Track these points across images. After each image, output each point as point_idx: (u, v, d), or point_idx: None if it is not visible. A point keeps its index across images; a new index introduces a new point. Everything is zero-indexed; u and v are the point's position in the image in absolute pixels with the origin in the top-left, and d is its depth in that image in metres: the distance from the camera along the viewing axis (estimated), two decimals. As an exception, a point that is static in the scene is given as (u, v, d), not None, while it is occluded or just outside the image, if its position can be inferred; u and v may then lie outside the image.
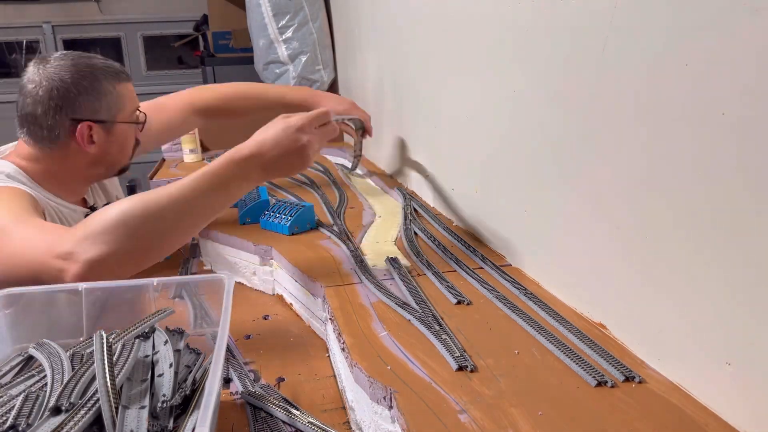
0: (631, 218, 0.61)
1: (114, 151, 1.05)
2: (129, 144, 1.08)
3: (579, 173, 0.70)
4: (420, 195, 1.32)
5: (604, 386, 0.56)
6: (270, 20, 2.25)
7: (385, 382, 0.57)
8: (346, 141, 2.30)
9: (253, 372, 0.76)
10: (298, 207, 1.11)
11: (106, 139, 1.02)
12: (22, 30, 4.46)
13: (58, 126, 0.97)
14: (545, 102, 0.76)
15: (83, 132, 0.98)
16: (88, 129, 0.99)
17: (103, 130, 1.01)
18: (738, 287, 0.49)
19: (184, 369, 0.60)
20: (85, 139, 0.99)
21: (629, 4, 0.59)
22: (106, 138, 1.02)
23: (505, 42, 0.86)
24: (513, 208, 0.88)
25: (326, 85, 2.36)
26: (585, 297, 0.72)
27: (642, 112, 0.58)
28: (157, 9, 4.63)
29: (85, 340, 0.63)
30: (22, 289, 0.68)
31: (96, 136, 1.00)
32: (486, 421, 0.51)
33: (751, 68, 0.45)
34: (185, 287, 0.88)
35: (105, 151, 1.03)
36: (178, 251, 1.28)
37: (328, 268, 0.90)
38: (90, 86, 0.98)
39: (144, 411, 0.52)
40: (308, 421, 0.62)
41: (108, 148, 1.03)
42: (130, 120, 1.06)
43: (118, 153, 1.06)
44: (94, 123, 1.00)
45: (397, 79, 1.49)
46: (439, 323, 0.69)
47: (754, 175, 0.46)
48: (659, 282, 0.58)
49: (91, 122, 0.99)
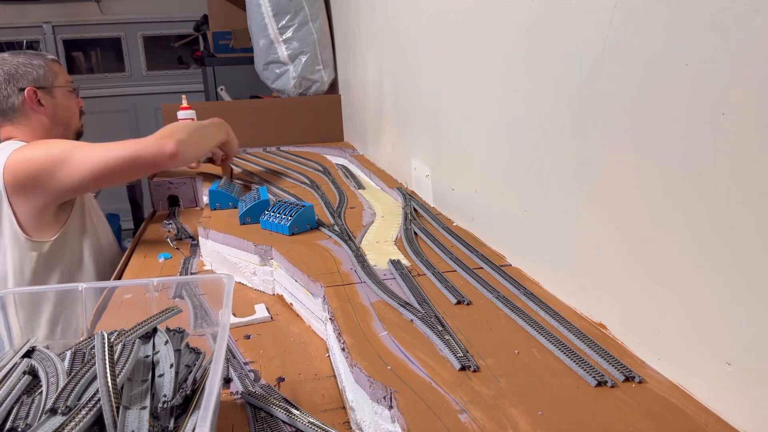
0: (631, 218, 0.61)
1: (62, 113, 1.40)
2: (73, 107, 1.44)
3: (579, 173, 0.70)
4: (420, 195, 1.32)
5: (604, 386, 0.56)
6: (270, 20, 2.25)
7: (385, 382, 0.57)
8: (346, 141, 2.30)
9: (253, 372, 0.76)
10: (298, 207, 1.11)
11: (52, 102, 1.38)
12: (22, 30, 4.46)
13: (11, 94, 1.32)
14: (545, 102, 0.76)
15: (31, 96, 1.34)
16: (34, 94, 1.34)
17: (46, 95, 1.37)
18: (738, 287, 0.49)
19: (184, 369, 0.60)
20: (34, 101, 1.34)
21: (629, 4, 0.59)
22: (51, 101, 1.38)
23: (505, 42, 0.86)
24: (513, 208, 0.88)
25: (326, 85, 2.36)
26: (585, 297, 0.72)
27: (641, 112, 0.58)
28: (157, 9, 4.63)
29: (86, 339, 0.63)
30: (22, 289, 0.68)
31: (43, 100, 1.36)
32: (486, 421, 0.51)
33: (751, 68, 0.45)
34: (185, 287, 0.88)
35: (54, 112, 1.38)
36: (178, 251, 1.29)
37: (328, 268, 0.90)
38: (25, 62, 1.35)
39: (145, 411, 0.52)
40: (308, 421, 0.62)
41: (56, 110, 1.39)
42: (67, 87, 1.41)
43: (67, 115, 1.42)
44: (37, 89, 1.34)
45: (397, 78, 1.49)
46: (441, 323, 0.69)
47: (754, 175, 0.46)
48: (659, 282, 0.58)
49: (35, 88, 1.34)
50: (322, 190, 1.44)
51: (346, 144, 2.24)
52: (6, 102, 1.33)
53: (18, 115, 1.35)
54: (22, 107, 1.34)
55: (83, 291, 0.69)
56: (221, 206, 1.33)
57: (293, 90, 2.35)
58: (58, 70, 1.41)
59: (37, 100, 1.34)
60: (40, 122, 1.36)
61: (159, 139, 1.25)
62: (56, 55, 5.04)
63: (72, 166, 1.21)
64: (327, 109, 2.33)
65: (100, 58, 4.79)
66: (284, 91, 2.38)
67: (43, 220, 1.29)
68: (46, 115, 1.36)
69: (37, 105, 1.35)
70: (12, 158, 1.22)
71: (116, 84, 4.66)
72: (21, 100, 1.33)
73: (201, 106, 2.17)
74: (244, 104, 2.41)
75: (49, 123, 1.37)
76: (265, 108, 2.31)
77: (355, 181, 1.56)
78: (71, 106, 1.43)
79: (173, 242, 1.37)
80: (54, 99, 1.38)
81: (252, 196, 1.23)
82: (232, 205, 1.33)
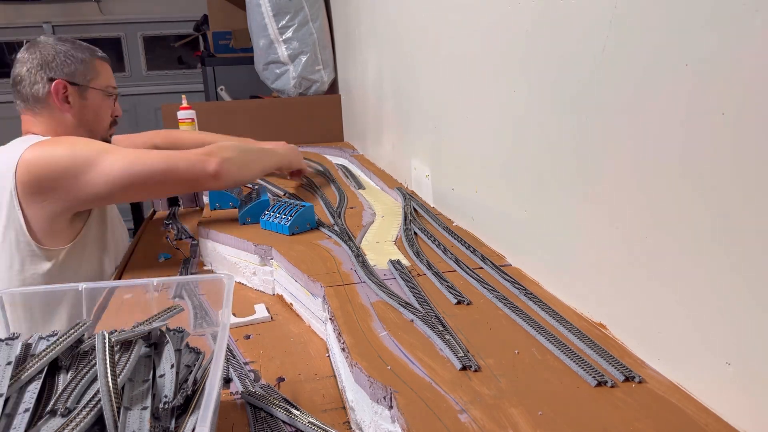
0: (631, 218, 0.61)
1: (89, 116, 1.23)
2: (103, 114, 1.26)
3: (579, 173, 0.70)
4: (420, 195, 1.32)
5: (604, 386, 0.56)
6: (270, 20, 2.25)
7: (385, 382, 0.57)
8: (346, 141, 2.30)
9: (253, 372, 0.76)
10: (298, 207, 1.11)
11: (81, 102, 1.21)
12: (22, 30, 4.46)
13: (38, 81, 1.17)
14: (545, 102, 0.76)
15: (58, 89, 1.17)
16: (63, 88, 1.18)
17: (77, 93, 1.20)
18: (738, 287, 0.49)
19: (184, 369, 0.60)
20: (60, 96, 1.18)
21: (629, 4, 0.59)
22: (80, 101, 1.21)
23: (505, 42, 0.86)
24: (513, 208, 0.88)
25: (326, 85, 2.36)
26: (585, 297, 0.72)
27: (641, 112, 0.58)
28: (157, 9, 4.63)
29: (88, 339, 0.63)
30: (22, 290, 0.68)
31: (71, 97, 1.20)
32: (486, 421, 0.51)
33: (751, 68, 0.45)
34: (185, 287, 0.88)
35: (81, 114, 1.22)
36: (178, 251, 1.29)
37: (328, 268, 0.90)
38: (68, 52, 1.18)
39: (146, 412, 0.52)
40: (308, 421, 0.62)
41: (83, 112, 1.22)
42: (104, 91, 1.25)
43: (94, 120, 1.24)
44: (69, 84, 1.19)
45: (397, 78, 1.49)
46: (442, 323, 0.69)
47: (754, 175, 0.46)
48: (659, 282, 0.58)
49: (66, 82, 1.18)
50: (322, 190, 1.44)
51: (346, 144, 2.24)
52: (31, 89, 1.18)
53: (40, 107, 1.19)
54: (45, 99, 1.18)
55: (83, 291, 0.69)
56: (221, 206, 1.33)
57: (293, 90, 2.35)
58: (102, 70, 1.25)
59: (64, 95, 1.19)
60: (62, 120, 1.21)
61: (203, 154, 1.12)
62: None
63: (98, 172, 1.06)
64: (327, 109, 2.33)
65: (100, 58, 4.79)
66: (284, 91, 2.38)
67: (55, 228, 1.14)
68: (71, 114, 1.21)
69: (62, 101, 1.19)
70: (30, 154, 1.07)
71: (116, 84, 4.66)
72: (46, 91, 1.17)
73: (201, 106, 2.17)
74: (244, 104, 2.41)
75: (72, 123, 1.21)
76: (265, 108, 2.31)
77: (355, 181, 1.57)
78: (102, 111, 1.26)
79: (173, 242, 1.37)
80: (84, 100, 1.22)
81: (252, 196, 1.23)
82: (232, 205, 1.33)
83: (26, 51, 1.18)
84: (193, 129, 1.94)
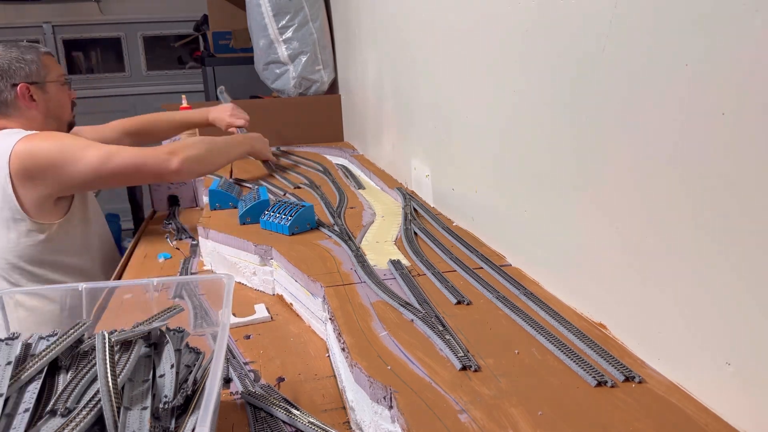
0: (631, 218, 0.61)
1: (54, 107, 1.40)
2: (64, 101, 1.43)
3: (579, 173, 0.70)
4: (420, 195, 1.32)
5: (604, 386, 0.56)
6: (270, 20, 2.25)
7: (385, 382, 0.57)
8: (346, 141, 2.30)
9: (253, 372, 0.76)
10: (298, 207, 1.11)
11: (44, 97, 1.37)
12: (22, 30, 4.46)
13: (3, 90, 1.33)
14: (545, 102, 0.76)
15: (23, 92, 1.34)
16: (27, 90, 1.34)
17: (39, 90, 1.36)
18: (738, 287, 0.49)
19: (184, 369, 0.60)
20: (27, 97, 1.34)
21: (629, 4, 0.59)
22: (44, 96, 1.37)
23: (505, 42, 0.86)
24: (513, 208, 0.88)
25: (326, 85, 2.36)
26: (585, 297, 0.72)
27: (641, 112, 0.58)
28: (157, 9, 4.63)
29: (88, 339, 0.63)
30: (22, 290, 0.68)
31: (35, 95, 1.36)
32: (486, 421, 0.51)
33: (751, 68, 0.45)
34: (185, 287, 0.88)
35: (46, 107, 1.38)
36: (178, 251, 1.29)
37: (328, 268, 0.90)
38: (18, 57, 1.34)
39: (146, 412, 0.52)
40: (308, 421, 0.62)
41: (48, 105, 1.38)
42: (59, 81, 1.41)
43: (59, 109, 1.42)
44: (30, 84, 1.34)
45: (397, 78, 1.49)
46: (442, 323, 0.70)
47: (754, 175, 0.46)
48: (659, 282, 0.58)
49: (26, 84, 1.34)
50: (321, 190, 1.44)
51: (346, 144, 2.24)
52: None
53: (11, 110, 1.34)
54: (15, 102, 1.34)
55: (83, 290, 0.69)
56: (221, 206, 1.33)
57: (293, 90, 2.35)
58: (51, 64, 1.40)
59: (29, 95, 1.34)
60: (32, 116, 1.36)
61: (167, 153, 1.30)
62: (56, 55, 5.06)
63: (80, 164, 1.24)
64: (327, 109, 2.32)
65: (100, 58, 4.80)
66: (284, 91, 2.38)
67: (44, 207, 1.31)
68: (38, 110, 1.36)
69: (29, 101, 1.34)
70: (22, 146, 1.23)
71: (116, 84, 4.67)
72: (14, 96, 1.33)
73: (201, 106, 2.16)
74: (244, 104, 2.41)
75: (41, 117, 1.37)
76: (265, 108, 2.31)
77: (355, 181, 1.56)
78: (63, 99, 1.43)
79: (173, 242, 1.37)
80: (46, 94, 1.38)
81: (252, 196, 1.23)
82: (232, 205, 1.33)
83: None
84: (193, 130, 1.94)
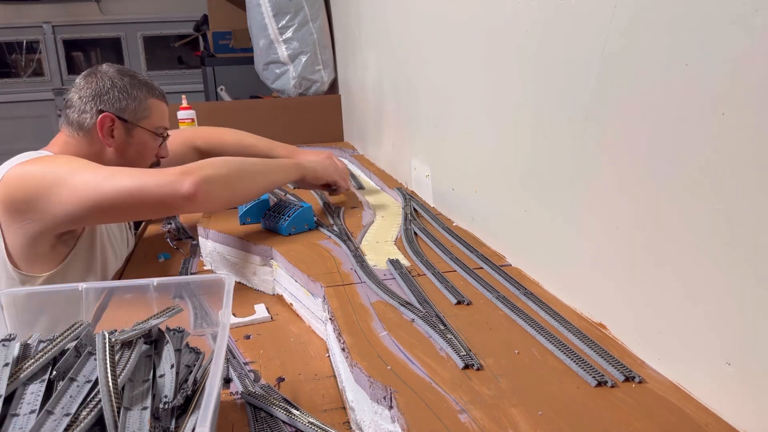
0: (631, 218, 0.61)
1: (132, 154, 1.17)
2: (148, 154, 1.20)
3: (579, 173, 0.70)
4: (420, 195, 1.32)
5: (604, 386, 0.56)
6: (270, 20, 2.25)
7: (385, 382, 0.57)
8: (346, 141, 2.30)
9: (253, 372, 0.76)
10: (296, 207, 1.11)
11: (126, 139, 1.16)
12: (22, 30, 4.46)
13: (87, 111, 1.13)
14: (545, 102, 0.76)
15: (104, 122, 1.12)
16: (110, 122, 1.13)
17: (123, 129, 1.15)
18: (738, 287, 0.49)
19: (184, 369, 0.60)
20: (105, 129, 1.13)
21: (629, 4, 0.59)
22: (126, 138, 1.16)
23: (505, 42, 0.86)
24: (513, 208, 0.88)
25: (326, 85, 2.36)
26: (585, 297, 0.72)
27: (642, 112, 0.58)
28: (157, 9, 4.63)
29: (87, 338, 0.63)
30: (22, 290, 0.68)
31: (116, 132, 1.14)
32: (486, 421, 0.51)
33: (752, 68, 0.45)
34: (185, 287, 0.88)
35: (123, 150, 1.16)
36: (178, 251, 1.29)
37: (328, 268, 0.90)
38: (123, 87, 1.14)
39: (146, 412, 0.52)
40: (308, 421, 0.62)
41: (126, 149, 1.16)
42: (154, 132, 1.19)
43: (136, 158, 1.18)
44: (117, 118, 1.14)
45: (397, 78, 1.49)
46: (443, 323, 0.69)
47: (754, 175, 0.46)
48: (659, 282, 0.58)
49: (114, 116, 1.13)
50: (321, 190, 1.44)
51: (346, 144, 2.24)
52: (79, 116, 1.13)
53: (82, 133, 1.14)
54: (90, 129, 1.13)
55: (83, 291, 0.69)
56: (221, 206, 1.32)
57: (293, 90, 2.35)
58: (156, 110, 1.19)
59: (110, 129, 1.13)
60: (102, 151, 1.15)
61: (178, 174, 0.96)
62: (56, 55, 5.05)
63: (68, 192, 0.97)
64: (327, 109, 2.33)
65: (100, 58, 4.80)
66: (284, 91, 2.38)
67: (36, 252, 1.05)
68: (113, 147, 1.15)
69: (107, 134, 1.13)
70: (10, 173, 1.01)
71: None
72: (93, 122, 1.13)
73: (201, 106, 2.17)
74: (244, 104, 2.41)
75: (112, 158, 1.16)
76: (265, 108, 2.31)
77: (355, 181, 1.56)
78: (147, 152, 1.19)
79: (173, 242, 1.37)
80: (130, 138, 1.16)
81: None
82: (232, 205, 1.32)
83: (83, 78, 1.16)
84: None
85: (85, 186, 0.97)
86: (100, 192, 0.96)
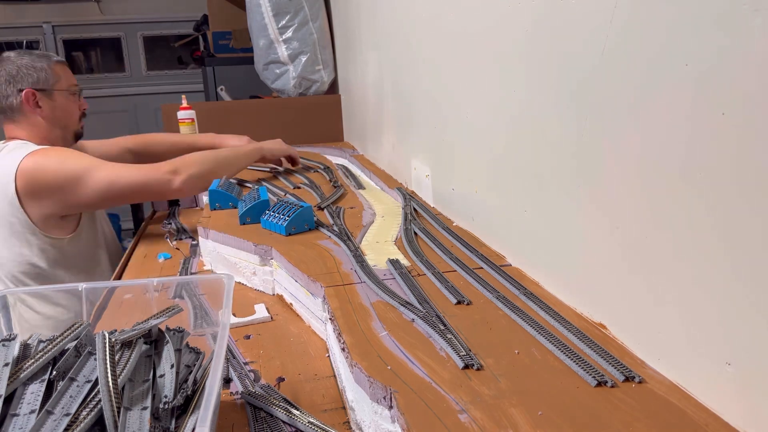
0: (631, 218, 0.61)
1: (60, 114, 1.41)
2: (72, 110, 1.44)
3: (579, 173, 0.70)
4: (420, 195, 1.32)
5: (604, 386, 0.56)
6: (270, 20, 2.25)
7: (385, 382, 0.57)
8: (346, 141, 2.30)
9: (253, 372, 0.76)
10: (296, 207, 1.11)
11: (50, 104, 1.39)
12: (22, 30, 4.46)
13: (10, 94, 1.36)
14: (545, 102, 0.76)
15: (29, 97, 1.36)
16: (33, 95, 1.36)
17: (45, 97, 1.38)
18: (738, 288, 0.49)
19: (184, 369, 0.60)
20: (32, 102, 1.37)
21: (629, 4, 0.59)
22: (50, 104, 1.39)
23: (505, 42, 0.86)
24: (513, 208, 0.88)
25: (326, 85, 2.36)
26: (585, 297, 0.72)
27: (642, 112, 0.58)
28: (157, 9, 4.62)
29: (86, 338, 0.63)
30: (21, 290, 0.68)
31: (41, 102, 1.38)
32: (486, 421, 0.51)
33: (752, 68, 0.45)
34: (185, 287, 0.88)
35: (52, 115, 1.40)
36: (178, 251, 1.29)
37: (328, 268, 0.90)
38: (28, 64, 1.37)
39: (146, 412, 0.52)
40: (308, 421, 0.62)
41: (54, 113, 1.40)
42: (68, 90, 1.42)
43: (64, 117, 1.42)
44: (36, 91, 1.36)
45: (397, 79, 1.49)
46: (443, 323, 0.69)
47: (754, 175, 0.46)
48: (660, 282, 0.58)
49: (33, 90, 1.36)
50: (321, 190, 1.44)
51: (346, 144, 2.24)
52: (5, 101, 1.36)
53: (17, 115, 1.37)
54: (20, 107, 1.36)
55: (83, 291, 0.69)
56: (221, 206, 1.33)
57: (293, 90, 2.35)
58: (62, 73, 1.42)
59: (35, 101, 1.36)
60: (37, 122, 1.39)
61: (170, 172, 1.31)
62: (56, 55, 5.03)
63: (86, 186, 1.27)
64: (327, 109, 2.33)
65: (100, 58, 4.79)
66: (284, 91, 2.38)
67: (50, 223, 1.33)
68: (43, 116, 1.38)
69: (34, 106, 1.37)
70: (26, 164, 1.26)
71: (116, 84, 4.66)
72: (19, 101, 1.35)
73: (201, 106, 2.17)
74: (244, 104, 2.41)
75: (46, 124, 1.39)
76: (265, 108, 2.31)
77: (355, 181, 1.56)
78: (70, 108, 1.44)
79: (173, 242, 1.37)
80: (53, 102, 1.39)
81: (252, 196, 1.23)
82: (232, 205, 1.33)
83: None
84: (192, 129, 1.95)
85: (101, 183, 1.27)
86: (114, 187, 1.28)
